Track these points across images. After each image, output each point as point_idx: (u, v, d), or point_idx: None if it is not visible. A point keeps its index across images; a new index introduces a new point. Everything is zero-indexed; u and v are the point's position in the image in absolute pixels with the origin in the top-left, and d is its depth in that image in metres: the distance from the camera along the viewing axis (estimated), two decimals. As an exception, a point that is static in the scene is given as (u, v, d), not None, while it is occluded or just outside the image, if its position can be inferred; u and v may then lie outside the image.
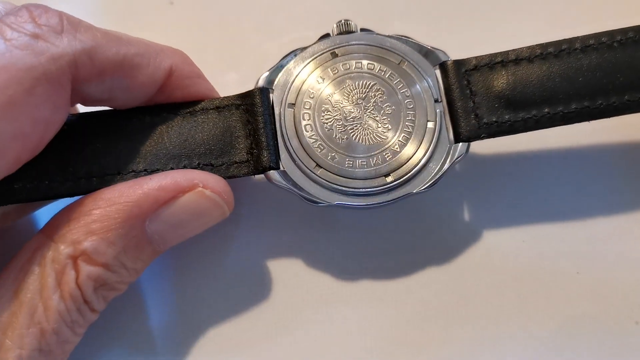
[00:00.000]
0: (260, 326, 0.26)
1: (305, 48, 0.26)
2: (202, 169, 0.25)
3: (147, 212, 0.23)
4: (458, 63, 0.25)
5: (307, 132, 0.25)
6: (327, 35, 0.26)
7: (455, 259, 0.27)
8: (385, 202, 0.25)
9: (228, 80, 0.30)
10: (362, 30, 0.26)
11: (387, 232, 0.28)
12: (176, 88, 0.25)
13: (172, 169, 0.24)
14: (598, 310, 0.26)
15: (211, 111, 0.25)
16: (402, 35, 0.26)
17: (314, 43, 0.26)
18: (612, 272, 0.27)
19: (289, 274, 0.27)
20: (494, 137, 0.25)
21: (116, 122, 0.25)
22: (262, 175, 0.25)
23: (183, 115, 0.25)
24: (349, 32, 0.26)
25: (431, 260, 0.27)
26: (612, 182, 0.28)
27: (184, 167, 0.24)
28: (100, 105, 0.25)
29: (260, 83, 0.25)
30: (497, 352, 0.25)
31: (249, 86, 0.25)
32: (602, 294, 0.26)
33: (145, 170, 0.24)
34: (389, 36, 0.26)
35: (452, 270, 0.27)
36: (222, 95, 0.26)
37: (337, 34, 0.26)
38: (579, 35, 0.25)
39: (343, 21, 0.26)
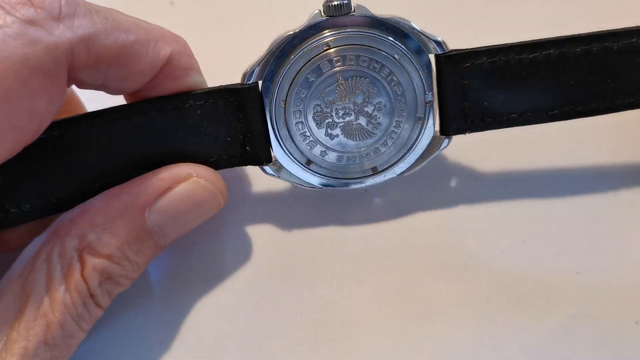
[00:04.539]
0: (259, 325, 0.26)
1: (295, 35, 0.24)
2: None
3: (146, 202, 0.23)
4: (454, 57, 0.25)
5: (299, 129, 0.25)
6: (317, 15, 0.24)
7: (455, 259, 0.27)
8: (370, 185, 0.27)
9: (227, 81, 0.30)
10: (357, 6, 0.24)
11: (386, 232, 0.28)
12: (168, 77, 0.24)
13: None
14: (598, 310, 0.26)
15: (200, 107, 0.24)
16: (400, 19, 0.24)
17: (305, 27, 0.24)
18: (612, 272, 0.27)
19: (288, 273, 0.27)
20: (479, 131, 0.26)
21: (102, 127, 0.24)
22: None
23: (171, 113, 0.24)
24: (344, 14, 0.24)
25: (431, 260, 0.27)
26: (612, 182, 0.28)
27: None
28: (94, 89, 0.24)
29: (251, 78, 0.25)
30: (497, 352, 0.25)
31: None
32: (602, 294, 0.26)
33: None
34: (387, 20, 0.24)
35: (452, 270, 0.27)
36: None
37: (329, 15, 0.24)
38: (577, 33, 0.25)
39: (335, 3, 0.23)
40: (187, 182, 0.24)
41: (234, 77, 0.25)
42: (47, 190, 0.24)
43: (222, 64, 0.32)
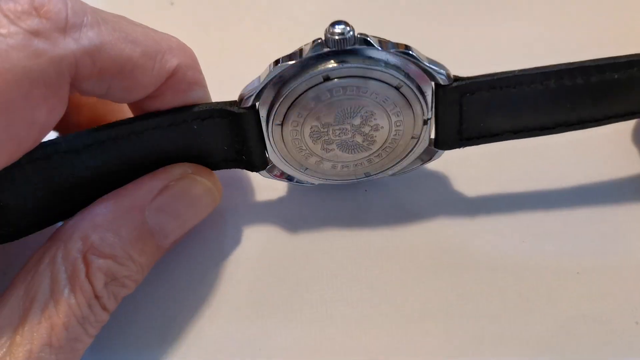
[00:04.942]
0: (259, 325, 0.26)
1: (296, 59, 0.23)
2: None
3: (145, 201, 0.24)
4: (456, 88, 0.24)
5: (295, 144, 0.25)
6: (319, 45, 0.22)
7: (455, 259, 0.27)
8: (362, 182, 0.28)
9: (228, 81, 0.30)
10: (360, 36, 0.22)
11: (386, 232, 0.28)
12: (170, 90, 0.24)
13: None
14: (598, 310, 0.26)
15: (197, 123, 0.24)
16: (404, 51, 0.23)
17: (306, 59, 0.23)
18: (612, 272, 0.27)
19: (287, 273, 0.27)
20: (473, 146, 0.26)
21: (99, 143, 0.24)
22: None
23: (168, 128, 0.24)
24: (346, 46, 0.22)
25: (431, 259, 0.27)
26: (612, 181, 0.28)
27: None
28: (96, 97, 0.24)
29: (248, 101, 0.24)
30: (497, 352, 0.25)
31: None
32: (602, 294, 0.26)
33: None
34: (390, 52, 0.23)
35: (452, 269, 0.27)
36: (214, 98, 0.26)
37: (332, 49, 0.22)
38: (578, 61, 0.24)
39: (337, 37, 0.22)
40: (183, 179, 0.25)
41: (233, 77, 0.25)
42: (47, 204, 0.24)
43: (222, 64, 0.32)
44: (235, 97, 0.24)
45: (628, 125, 0.30)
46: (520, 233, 0.28)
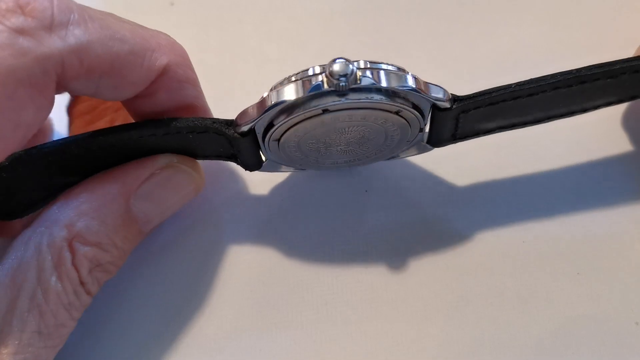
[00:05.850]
0: (260, 325, 0.26)
1: (294, 96, 0.21)
2: None
3: (130, 189, 0.24)
4: (454, 110, 0.24)
5: (291, 153, 0.25)
6: (320, 85, 0.21)
7: (455, 259, 0.27)
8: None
9: (228, 82, 0.30)
10: (362, 75, 0.21)
11: (387, 233, 0.28)
12: (162, 88, 0.24)
13: None
14: (598, 310, 0.26)
15: (192, 134, 0.24)
16: (406, 86, 0.22)
17: (306, 96, 0.21)
18: (612, 272, 0.27)
19: (288, 273, 0.27)
20: (465, 141, 0.27)
21: (96, 145, 0.24)
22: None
23: (164, 136, 0.24)
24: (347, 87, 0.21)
25: (431, 261, 0.27)
26: (612, 182, 0.28)
27: None
28: (86, 96, 0.24)
29: (244, 129, 0.23)
30: (496, 353, 0.25)
31: (249, 88, 0.25)
32: (602, 294, 0.26)
33: None
34: (392, 87, 0.22)
35: (452, 270, 0.27)
36: (212, 101, 0.26)
37: (333, 90, 0.21)
38: (572, 69, 0.24)
39: (338, 81, 0.21)
40: (168, 168, 0.25)
41: (233, 78, 0.25)
42: (33, 197, 0.24)
43: (222, 64, 0.32)
44: (235, 99, 0.25)
45: (618, 109, 0.30)
46: (520, 233, 0.28)
